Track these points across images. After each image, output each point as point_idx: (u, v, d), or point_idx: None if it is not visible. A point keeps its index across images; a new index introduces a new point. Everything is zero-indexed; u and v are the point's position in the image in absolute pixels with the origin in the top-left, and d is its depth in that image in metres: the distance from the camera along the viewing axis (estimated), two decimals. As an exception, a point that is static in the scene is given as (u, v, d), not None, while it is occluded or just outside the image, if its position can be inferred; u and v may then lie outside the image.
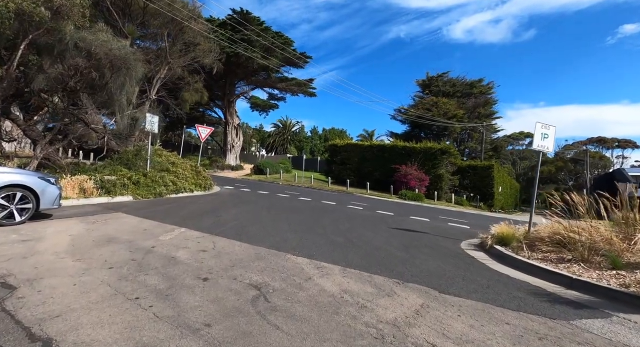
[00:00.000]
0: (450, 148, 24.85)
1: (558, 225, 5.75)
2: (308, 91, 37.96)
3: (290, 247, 5.03)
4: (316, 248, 5.13)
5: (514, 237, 6.14)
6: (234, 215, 7.65)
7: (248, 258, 4.28)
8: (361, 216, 9.66)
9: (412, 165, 23.50)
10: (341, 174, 27.53)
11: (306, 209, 9.87)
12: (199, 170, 13.03)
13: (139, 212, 7.10)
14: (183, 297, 2.88)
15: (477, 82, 40.38)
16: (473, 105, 38.38)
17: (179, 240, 4.93)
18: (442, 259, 5.19)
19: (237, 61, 28.01)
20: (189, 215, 7.22)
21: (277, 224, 6.97)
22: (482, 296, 3.60)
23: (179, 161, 12.14)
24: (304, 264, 4.23)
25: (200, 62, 14.33)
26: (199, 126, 14.16)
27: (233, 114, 36.24)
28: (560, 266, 4.73)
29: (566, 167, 66.93)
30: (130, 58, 7.84)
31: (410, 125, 40.79)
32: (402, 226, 8.36)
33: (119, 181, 9.00)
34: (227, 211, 8.18)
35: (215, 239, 5.20)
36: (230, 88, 34.67)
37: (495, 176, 29.49)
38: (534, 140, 6.64)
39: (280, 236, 5.76)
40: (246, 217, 7.52)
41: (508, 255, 5.31)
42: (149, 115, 10.23)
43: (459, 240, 7.24)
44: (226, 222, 6.61)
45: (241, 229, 6.06)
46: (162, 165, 11.36)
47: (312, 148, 57.28)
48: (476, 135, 38.20)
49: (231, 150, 36.06)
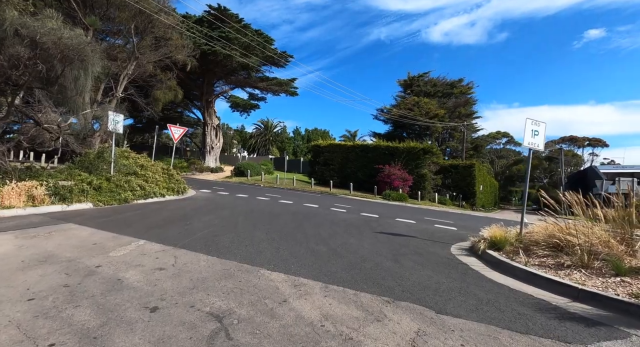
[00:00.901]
0: (433, 148, 24.84)
1: (553, 227, 5.41)
2: (290, 91, 37.31)
3: (265, 260, 4.42)
4: (295, 260, 4.55)
5: (507, 241, 5.78)
6: (206, 222, 6.95)
7: (213, 276, 3.65)
8: (345, 219, 9.14)
9: (395, 166, 23.30)
10: (324, 175, 27.04)
11: (287, 214, 9.25)
12: (171, 173, 12.16)
13: (95, 221, 6.29)
14: (117, 339, 2.23)
15: (458, 82, 40.94)
16: (454, 105, 38.83)
17: (133, 256, 4.22)
18: (433, 267, 4.73)
19: (215, 59, 27.00)
20: (153, 224, 6.47)
21: (254, 231, 6.33)
22: (484, 314, 3.13)
23: (148, 164, 11.25)
24: (279, 282, 3.64)
25: (173, 59, 13.45)
26: (171, 126, 13.28)
27: (212, 115, 35.08)
28: (560, 273, 4.35)
29: (541, 165, 69.24)
30: (86, 49, 7.00)
31: (392, 125, 40.86)
32: (388, 230, 7.90)
33: (77, 186, 8.09)
34: (199, 218, 7.46)
35: (179, 252, 4.52)
36: (209, 87, 33.52)
37: (477, 175, 29.80)
38: (525, 138, 6.32)
39: (256, 247, 5.14)
40: (219, 224, 6.84)
41: (503, 261, 4.90)
42: (111, 113, 9.33)
43: (448, 244, 6.83)
44: (195, 232, 5.92)
45: (211, 239, 5.39)
46: (129, 168, 10.46)
47: (295, 149, 56.54)
48: (457, 134, 38.66)
49: (210, 152, 34.89)
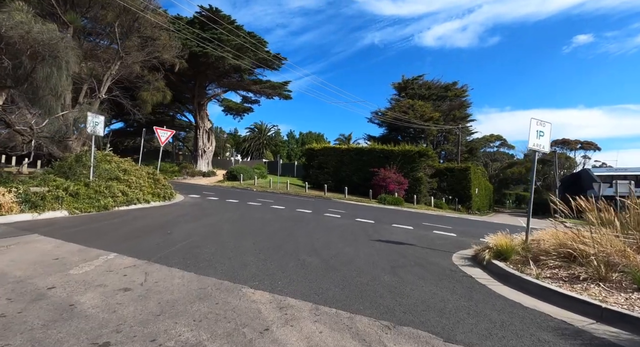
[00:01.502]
0: (428, 151, 24.57)
1: (563, 235, 5.01)
2: (283, 94, 36.93)
3: (249, 276, 3.93)
4: (283, 275, 4.06)
5: (513, 250, 5.36)
6: (189, 231, 6.43)
7: (187, 298, 3.16)
8: (339, 226, 8.67)
9: (390, 169, 22.94)
10: (319, 179, 26.59)
11: (278, 220, 8.76)
12: (157, 178, 11.60)
13: (64, 232, 5.74)
14: (42, 395, 1.73)
15: (452, 85, 40.94)
16: (448, 107, 38.77)
17: (97, 273, 3.71)
18: (436, 281, 4.28)
19: (206, 61, 26.52)
20: (130, 233, 5.94)
21: (240, 241, 5.83)
22: (500, 342, 2.68)
23: (132, 168, 10.68)
24: (263, 303, 3.16)
25: (160, 59, 12.95)
26: (157, 128, 12.72)
27: (204, 118, 34.49)
28: (576, 287, 3.94)
29: (535, 168, 69.71)
30: (59, 45, 6.49)
31: (387, 128, 40.64)
32: (385, 238, 7.45)
33: (51, 192, 7.51)
34: (183, 226, 6.94)
35: (152, 268, 4.01)
36: (201, 90, 32.97)
37: (472, 178, 29.60)
38: (529, 139, 5.94)
39: (240, 259, 4.64)
40: (204, 233, 6.32)
41: (512, 274, 4.47)
42: (91, 115, 8.78)
43: (449, 252, 6.40)
44: (175, 242, 5.40)
45: (191, 251, 4.88)
46: (111, 173, 9.89)
47: (289, 152, 56.05)
48: (452, 137, 38.54)
49: (202, 156, 34.23)
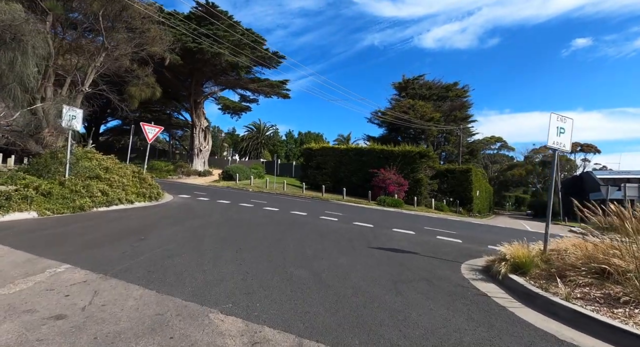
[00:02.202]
0: (429, 151, 23.94)
1: (593, 247, 4.34)
2: (281, 93, 36.27)
3: (222, 295, 3.26)
4: (264, 293, 3.39)
5: (532, 262, 4.69)
6: (166, 237, 5.74)
7: (135, 329, 2.48)
8: (335, 231, 7.99)
9: (390, 170, 22.30)
10: (317, 180, 25.94)
11: (269, 224, 8.08)
12: (143, 177, 10.90)
13: (21, 237, 5.05)
14: None
15: (453, 85, 40.30)
16: (449, 108, 38.13)
17: (33, 292, 3.02)
18: (448, 302, 3.60)
19: (202, 58, 25.85)
20: (98, 239, 5.25)
21: (222, 249, 5.15)
22: (542, 399, 2.00)
23: (115, 166, 9.99)
24: (232, 336, 2.48)
25: (149, 51, 12.27)
26: (144, 125, 12.00)
27: (200, 116, 33.79)
28: (617, 312, 3.26)
29: (535, 170, 69.17)
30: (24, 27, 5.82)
31: (387, 129, 40.01)
32: (385, 244, 6.77)
33: (18, 192, 6.82)
34: (162, 230, 6.25)
35: (105, 284, 3.33)
36: (197, 88, 32.28)
37: (474, 179, 29.00)
38: (549, 137, 5.27)
39: (217, 272, 3.96)
40: (183, 239, 5.64)
41: (537, 294, 3.80)
42: (66, 107, 8.08)
43: (458, 262, 5.73)
44: (145, 250, 4.71)
45: (161, 263, 4.20)
46: (91, 171, 9.19)
47: (288, 152, 55.34)
48: (453, 138, 37.92)
49: (198, 155, 33.52)
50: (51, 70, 10.77)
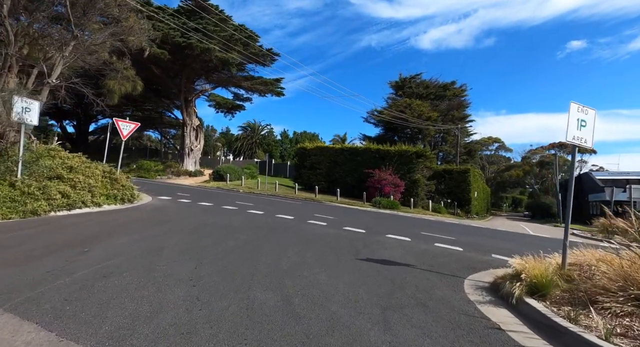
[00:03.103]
0: (426, 151, 23.17)
1: (629, 264, 3.52)
2: (276, 91, 35.39)
3: (148, 339, 2.39)
4: (207, 334, 2.53)
5: (551, 281, 3.86)
6: (116, 248, 4.87)
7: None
8: (322, 237, 7.14)
9: (386, 170, 21.49)
10: (310, 180, 25.09)
11: (247, 230, 7.21)
12: (115, 177, 9.99)
13: None
14: None
15: (450, 84, 39.61)
16: (447, 107, 37.42)
17: None
18: (451, 342, 2.76)
19: (192, 53, 24.90)
20: (29, 252, 4.37)
21: (177, 264, 4.29)
22: None
23: (81, 165, 9.08)
24: None
25: (125, 41, 11.36)
26: (118, 120, 11.02)
27: (192, 114, 32.83)
28: (677, 359, 2.44)
29: (532, 171, 68.73)
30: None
31: (384, 128, 39.26)
32: (376, 255, 5.93)
33: (-47, 194, 5.91)
34: (115, 239, 5.37)
35: (-10, 323, 2.46)
36: (188, 85, 31.31)
37: (472, 180, 28.28)
38: (568, 130, 4.47)
39: (156, 300, 3.10)
40: (134, 251, 4.76)
41: (565, 329, 2.96)
42: (17, 98, 7.16)
43: (459, 277, 4.90)
44: (79, 268, 3.84)
45: (89, 286, 3.33)
46: (52, 170, 8.28)
47: (283, 152, 54.44)
48: (450, 138, 37.22)
49: (190, 155, 32.55)
50: (14, 60, 9.83)
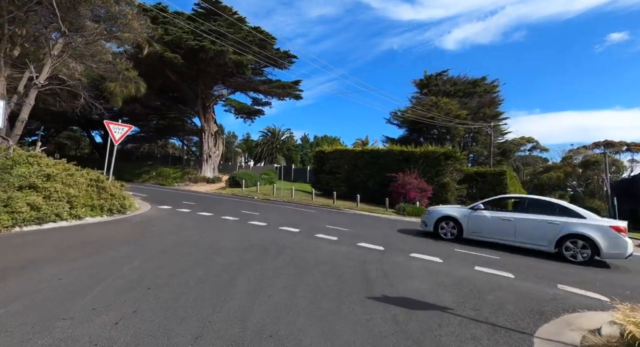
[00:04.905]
0: (455, 152, 20.94)
1: None
2: (294, 94, 34.37)
3: None
4: None
5: None
6: (37, 282, 3.61)
7: None
8: (325, 261, 5.60)
9: (411, 173, 19.55)
10: (330, 185, 23.56)
11: (232, 251, 5.81)
12: (103, 185, 9.00)
13: None
14: None
15: (480, 80, 36.72)
16: (477, 105, 34.61)
17: None
18: None
19: (206, 57, 24.35)
20: None
21: (97, 313, 2.94)
22: None
23: (62, 173, 8.13)
24: None
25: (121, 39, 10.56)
26: (109, 123, 10.08)
27: (210, 120, 32.46)
28: None
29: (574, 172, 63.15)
30: None
31: (408, 129, 37.04)
32: (395, 289, 4.31)
33: None
34: (49, 268, 4.15)
35: None
36: (205, 91, 30.97)
37: (508, 183, 25.51)
38: None
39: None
40: (57, 288, 3.49)
41: None
42: (-27, 96, 6.31)
43: (525, 334, 3.20)
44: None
45: None
46: (26, 179, 7.35)
47: (303, 157, 53.37)
48: (482, 138, 34.35)
49: (208, 161, 32.10)
50: (1, 61, 9.19)
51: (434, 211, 9.37)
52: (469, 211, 8.81)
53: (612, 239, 6.99)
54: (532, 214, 7.99)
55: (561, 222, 7.53)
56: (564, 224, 7.47)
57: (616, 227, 7.11)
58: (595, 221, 7.40)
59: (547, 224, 7.65)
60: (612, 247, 6.96)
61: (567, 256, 7.24)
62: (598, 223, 7.29)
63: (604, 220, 7.47)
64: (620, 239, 6.97)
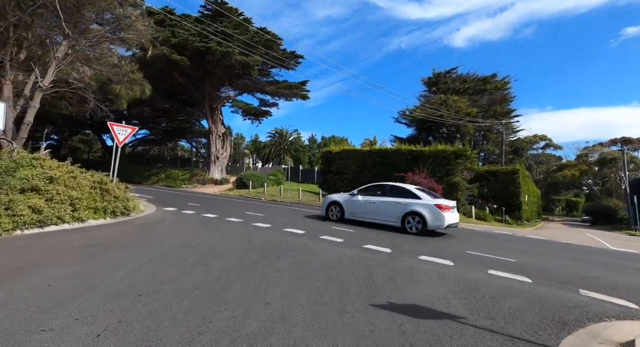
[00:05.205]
0: (466, 150, 20.41)
1: None
2: (301, 94, 34.25)
3: None
4: None
5: None
6: (22, 290, 3.46)
7: None
8: (330, 265, 5.34)
9: (420, 173, 19.13)
10: (337, 186, 23.28)
11: (233, 254, 5.61)
12: (107, 188, 8.94)
13: None
14: None
15: (491, 77, 35.89)
16: (488, 102, 33.83)
17: None
18: None
19: (212, 59, 24.40)
20: None
21: (80, 324, 2.75)
22: None
23: (64, 175, 8.09)
24: None
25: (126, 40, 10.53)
26: (113, 124, 10.02)
27: (217, 122, 32.58)
28: None
29: (590, 170, 61.30)
30: None
31: (416, 129, 36.49)
32: (402, 295, 4.02)
33: None
34: (43, 271, 4.01)
35: None
36: (213, 93, 31.09)
37: (521, 182, 24.82)
38: None
39: None
40: (46, 294, 3.32)
41: None
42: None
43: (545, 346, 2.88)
44: None
45: None
46: (28, 182, 7.31)
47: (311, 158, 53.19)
48: (493, 136, 33.57)
49: (216, 162, 32.22)
50: (7, 65, 9.24)
51: (327, 198, 11.13)
52: (349, 196, 10.49)
53: (435, 214, 8.86)
54: (389, 198, 9.73)
55: (405, 202, 9.35)
56: (407, 204, 9.29)
57: (439, 205, 8.94)
58: (427, 200, 9.20)
59: (396, 205, 9.46)
60: (434, 221, 8.85)
61: (407, 229, 9.12)
62: (427, 202, 9.11)
63: (433, 200, 9.21)
64: (440, 214, 8.83)
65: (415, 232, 8.95)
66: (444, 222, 8.84)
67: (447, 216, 8.89)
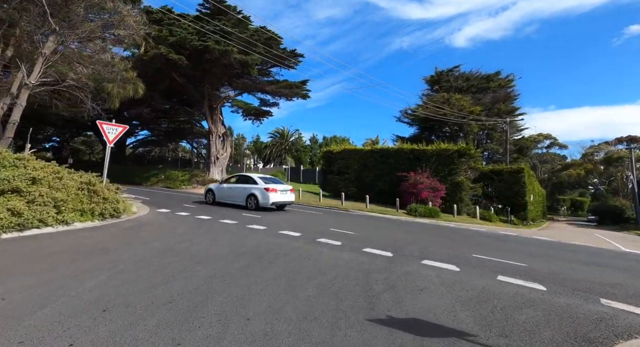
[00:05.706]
0: (469, 149, 19.93)
1: None
2: (301, 93, 33.86)
3: None
4: None
5: None
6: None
7: None
8: (324, 271, 4.92)
9: (423, 172, 18.70)
10: (338, 186, 22.91)
11: (220, 260, 5.20)
12: (95, 189, 8.57)
13: None
14: None
15: (494, 75, 35.29)
16: (492, 100, 33.26)
17: None
18: None
19: (210, 58, 24.05)
20: None
21: (37, 345, 2.34)
22: None
23: (49, 176, 7.72)
24: None
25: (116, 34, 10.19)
26: (102, 123, 9.62)
27: (217, 122, 32.26)
28: None
29: (596, 169, 60.41)
30: None
31: (419, 128, 35.99)
32: (403, 307, 3.59)
33: None
34: (4, 283, 3.62)
35: None
36: (212, 93, 30.77)
37: (527, 181, 24.28)
38: None
39: None
40: (9, 309, 2.93)
41: None
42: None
43: None
44: None
45: None
46: (9, 183, 6.95)
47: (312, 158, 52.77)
48: (497, 135, 32.99)
49: (216, 163, 31.87)
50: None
51: (207, 187, 14.59)
52: (219, 185, 13.83)
53: (264, 195, 12.05)
54: (240, 184, 12.96)
55: (248, 187, 12.56)
56: (249, 188, 12.48)
57: (267, 188, 12.12)
58: (261, 185, 12.32)
59: (243, 189, 12.64)
60: (263, 200, 12.04)
61: (248, 206, 12.34)
62: (261, 187, 12.25)
63: (265, 185, 12.29)
64: (267, 195, 12.00)
65: (253, 208, 12.05)
66: (269, 201, 11.95)
67: (272, 196, 11.98)
